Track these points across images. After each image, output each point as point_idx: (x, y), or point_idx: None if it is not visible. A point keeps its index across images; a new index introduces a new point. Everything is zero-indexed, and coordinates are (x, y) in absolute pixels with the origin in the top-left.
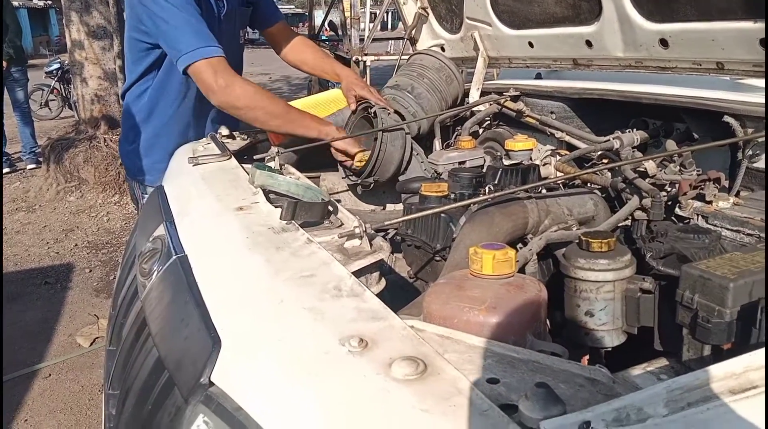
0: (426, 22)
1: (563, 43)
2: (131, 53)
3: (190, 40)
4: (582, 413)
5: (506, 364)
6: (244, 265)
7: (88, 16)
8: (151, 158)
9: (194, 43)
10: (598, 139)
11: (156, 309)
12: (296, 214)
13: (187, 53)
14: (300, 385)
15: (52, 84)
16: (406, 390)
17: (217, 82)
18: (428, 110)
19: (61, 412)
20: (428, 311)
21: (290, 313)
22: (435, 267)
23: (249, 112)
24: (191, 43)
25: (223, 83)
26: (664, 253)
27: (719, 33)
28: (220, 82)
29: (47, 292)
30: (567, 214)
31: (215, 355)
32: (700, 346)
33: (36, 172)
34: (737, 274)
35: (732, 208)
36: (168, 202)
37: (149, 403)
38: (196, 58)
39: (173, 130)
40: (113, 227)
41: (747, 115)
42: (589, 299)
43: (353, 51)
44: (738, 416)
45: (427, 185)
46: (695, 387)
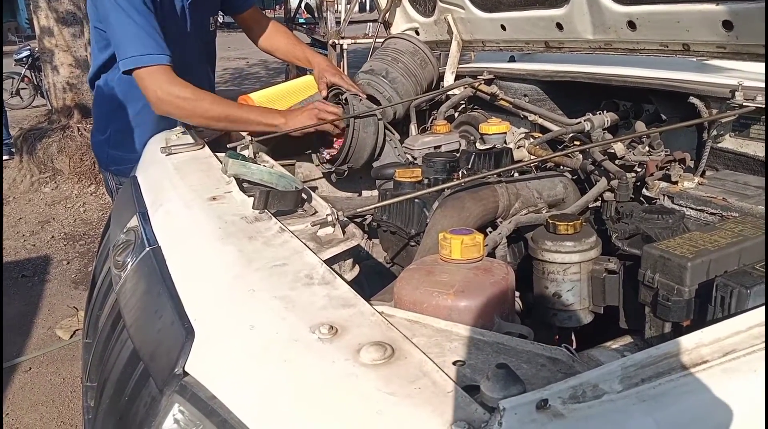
0: (400, 5)
1: (534, 26)
2: (95, 41)
3: (133, 45)
4: (540, 391)
5: (472, 347)
6: (217, 256)
7: (56, 2)
8: (124, 148)
9: (137, 50)
10: (570, 122)
11: (130, 301)
12: (269, 204)
13: (128, 58)
14: (271, 372)
15: (23, 72)
16: (374, 374)
17: (155, 94)
18: (403, 95)
19: (43, 405)
20: (399, 296)
21: (262, 302)
22: (410, 252)
23: (190, 120)
24: (134, 49)
25: (161, 96)
26: (629, 233)
27: (684, 15)
28: (159, 95)
29: (25, 286)
30: (537, 198)
31: (189, 346)
32: (661, 323)
33: (9, 164)
34: (695, 254)
35: (696, 188)
36: (141, 193)
37: (126, 394)
38: (137, 65)
39: (146, 119)
40: (90, 218)
41: (711, 95)
42: (556, 280)
43: (330, 34)
44: (689, 390)
45: (401, 171)
46: (649, 363)
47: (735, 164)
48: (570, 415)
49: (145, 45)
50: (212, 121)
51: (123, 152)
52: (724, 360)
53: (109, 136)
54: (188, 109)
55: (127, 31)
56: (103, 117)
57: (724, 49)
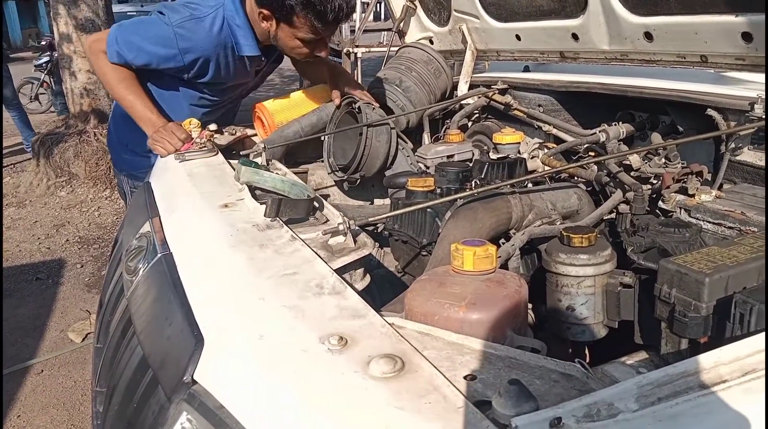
0: (414, 14)
1: (550, 36)
2: None
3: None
4: (553, 409)
5: (484, 361)
6: (228, 263)
7: (75, 9)
8: (140, 153)
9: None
10: (585, 132)
11: (141, 307)
12: (280, 212)
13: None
14: (280, 383)
15: (42, 77)
16: (383, 388)
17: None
18: (417, 103)
19: (54, 408)
20: (410, 307)
21: (272, 311)
22: (422, 262)
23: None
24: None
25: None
26: (645, 247)
27: (702, 26)
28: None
29: (39, 288)
30: (551, 209)
31: (198, 354)
32: (678, 339)
33: (26, 167)
34: (713, 269)
35: (714, 202)
36: (154, 199)
37: (134, 401)
38: (110, 48)
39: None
40: (104, 222)
41: (730, 108)
42: (570, 294)
43: (344, 43)
44: (707, 411)
45: (414, 180)
46: (665, 382)
47: (753, 178)
48: None
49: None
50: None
51: (138, 157)
52: (743, 380)
53: (126, 139)
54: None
55: (141, 37)
56: (120, 118)
57: (743, 61)
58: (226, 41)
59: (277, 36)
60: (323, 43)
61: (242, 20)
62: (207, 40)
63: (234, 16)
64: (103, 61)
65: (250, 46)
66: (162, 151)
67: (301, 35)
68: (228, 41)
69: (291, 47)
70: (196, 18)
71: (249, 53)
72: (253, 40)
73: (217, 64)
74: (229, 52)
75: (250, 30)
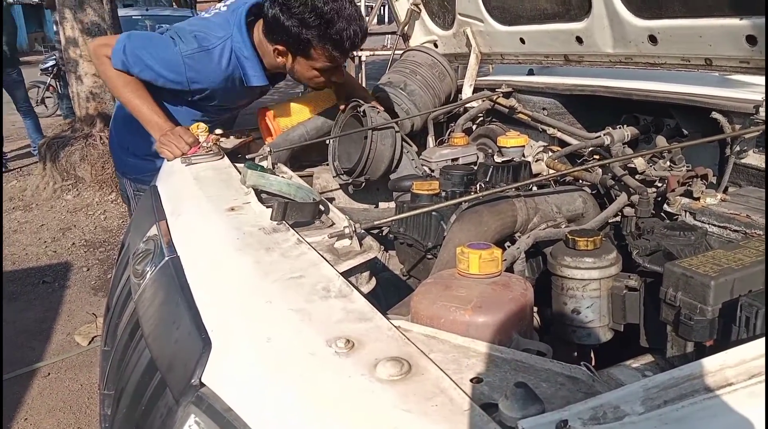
0: (418, 18)
1: (554, 40)
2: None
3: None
4: (559, 412)
5: (490, 364)
6: (235, 267)
7: (81, 13)
8: (143, 157)
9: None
10: (590, 136)
11: (149, 310)
12: (287, 215)
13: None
14: (287, 386)
15: (48, 81)
16: (390, 390)
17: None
18: (421, 107)
19: (61, 411)
20: (415, 311)
21: (279, 314)
22: (427, 265)
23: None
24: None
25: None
26: (651, 250)
27: (706, 29)
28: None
29: (45, 291)
30: (556, 212)
31: (206, 357)
32: (684, 343)
33: (32, 171)
34: (719, 272)
35: (719, 205)
36: (161, 202)
37: (142, 403)
38: (116, 55)
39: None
40: (110, 225)
41: (734, 111)
42: (575, 297)
43: None
44: (713, 414)
45: (419, 183)
46: (671, 385)
47: (758, 180)
48: None
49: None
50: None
51: (141, 160)
52: (749, 383)
53: (127, 143)
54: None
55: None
56: (122, 124)
57: (748, 64)
58: (234, 73)
59: (293, 69)
60: (339, 69)
61: (250, 52)
62: (215, 73)
63: (242, 48)
64: (107, 65)
65: (258, 77)
66: (169, 155)
67: (318, 65)
68: (236, 73)
69: (308, 78)
70: (205, 50)
71: (257, 83)
72: (261, 70)
73: (225, 92)
74: (237, 83)
75: (258, 60)
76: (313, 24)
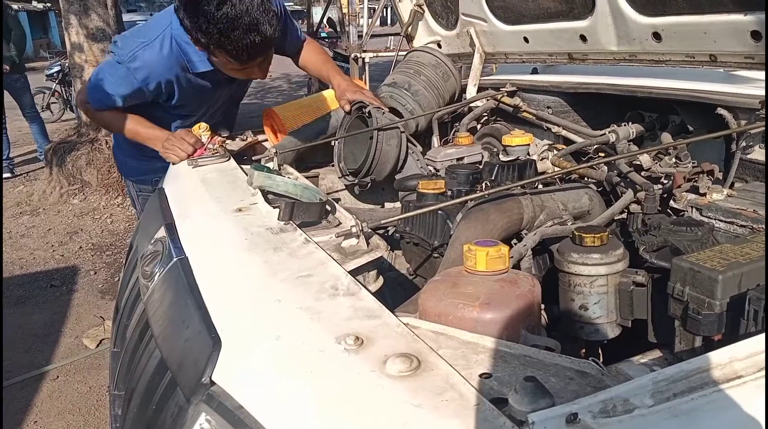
0: (422, 18)
1: (558, 38)
2: None
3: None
4: (569, 405)
5: (499, 359)
6: (243, 266)
7: (87, 19)
8: (139, 155)
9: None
10: (594, 133)
11: (158, 311)
12: (294, 215)
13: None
14: (297, 383)
15: (53, 87)
16: (400, 386)
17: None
18: (425, 107)
19: (70, 414)
20: (423, 308)
21: (288, 312)
22: (433, 264)
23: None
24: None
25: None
26: (657, 246)
27: (711, 26)
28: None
29: (53, 295)
30: (562, 209)
31: (216, 356)
32: (692, 337)
33: (39, 176)
34: (726, 267)
35: (725, 200)
36: (169, 205)
37: (153, 403)
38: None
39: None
40: (117, 229)
41: (740, 106)
42: (583, 293)
43: (352, 48)
44: (722, 406)
45: (425, 182)
46: (681, 378)
47: (765, 176)
48: None
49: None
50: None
51: (142, 161)
52: (758, 375)
53: (125, 144)
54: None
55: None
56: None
57: (753, 59)
58: (179, 59)
59: (211, 60)
60: (258, 69)
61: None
62: (160, 62)
63: (182, 34)
64: (90, 110)
65: (202, 61)
66: (174, 159)
67: (228, 66)
68: (180, 59)
69: (228, 70)
70: (145, 45)
71: (203, 69)
72: (204, 55)
73: (179, 83)
74: (186, 72)
75: None
76: (207, 31)
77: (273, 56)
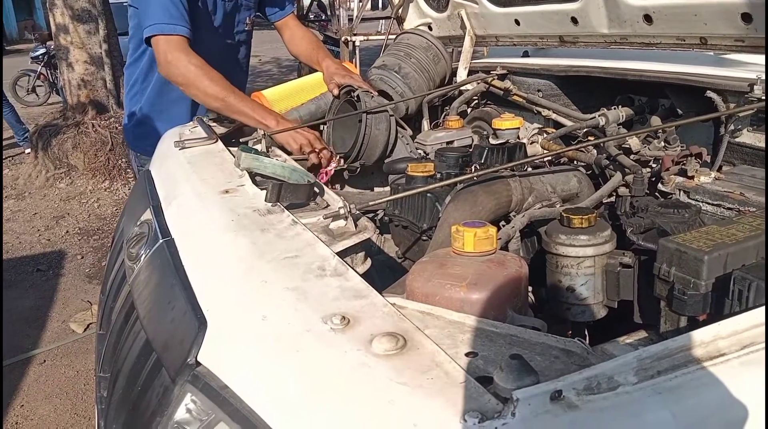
0: (413, 0)
1: (549, 21)
2: (130, 27)
3: (157, 14)
4: (554, 382)
5: (485, 339)
6: (230, 248)
7: (72, 0)
8: (147, 127)
9: (159, 18)
10: (584, 117)
11: (143, 292)
12: (281, 196)
13: (150, 26)
14: (283, 362)
15: (39, 69)
16: (386, 364)
17: (165, 57)
18: (416, 90)
19: (57, 397)
20: (411, 289)
21: (274, 293)
22: (422, 247)
23: (188, 89)
24: (157, 17)
25: (170, 59)
26: (645, 227)
27: (701, 8)
28: (168, 58)
29: (40, 279)
30: (551, 192)
31: (201, 336)
32: (677, 317)
33: (25, 160)
34: (712, 247)
35: (713, 183)
36: (155, 187)
37: (138, 384)
38: (156, 32)
39: (167, 102)
40: (104, 213)
41: (729, 89)
42: (570, 274)
43: (342, 31)
44: (705, 383)
45: (414, 165)
46: (665, 356)
47: (753, 159)
48: (584, 407)
49: (170, 14)
50: (209, 98)
51: (145, 130)
52: (741, 353)
53: (134, 115)
54: (189, 79)
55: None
56: (129, 93)
57: (743, 42)
58: None
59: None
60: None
61: None
62: None
63: None
64: (181, 61)
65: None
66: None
67: None
68: None
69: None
70: None
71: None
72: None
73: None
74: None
75: None
76: None
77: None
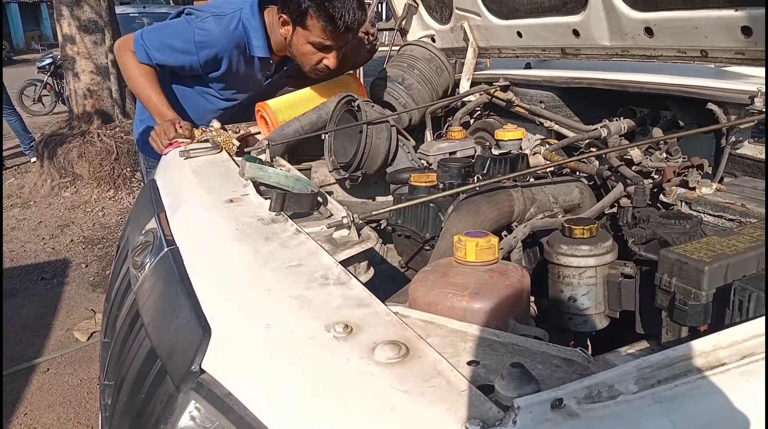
0: (416, 12)
1: (551, 33)
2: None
3: (159, 36)
4: (554, 391)
5: (486, 347)
6: (234, 256)
7: (79, 11)
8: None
9: (156, 39)
10: (587, 128)
11: (148, 300)
12: (285, 206)
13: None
14: (286, 369)
15: (45, 79)
16: (388, 372)
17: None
18: (419, 101)
19: (60, 406)
20: (413, 298)
21: (278, 301)
22: (425, 256)
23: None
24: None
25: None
26: (646, 238)
27: (702, 21)
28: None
29: (44, 288)
30: (553, 202)
31: (206, 344)
32: (678, 328)
33: (30, 168)
34: (713, 258)
35: (714, 194)
36: (160, 195)
37: (143, 391)
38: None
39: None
40: (108, 222)
41: (730, 101)
42: (572, 285)
43: None
44: (705, 393)
45: (416, 175)
46: (665, 365)
47: (754, 171)
48: (585, 415)
49: (163, 46)
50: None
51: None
52: (741, 363)
53: (144, 119)
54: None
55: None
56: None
57: (743, 55)
58: (240, 40)
59: (291, 41)
60: (333, 53)
61: (257, 23)
62: (223, 36)
63: (249, 19)
64: (129, 57)
65: (261, 47)
66: (154, 146)
67: (312, 39)
68: (241, 41)
69: (303, 54)
70: (217, 16)
71: (259, 54)
72: (265, 42)
73: (229, 61)
74: (241, 52)
75: (263, 33)
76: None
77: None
